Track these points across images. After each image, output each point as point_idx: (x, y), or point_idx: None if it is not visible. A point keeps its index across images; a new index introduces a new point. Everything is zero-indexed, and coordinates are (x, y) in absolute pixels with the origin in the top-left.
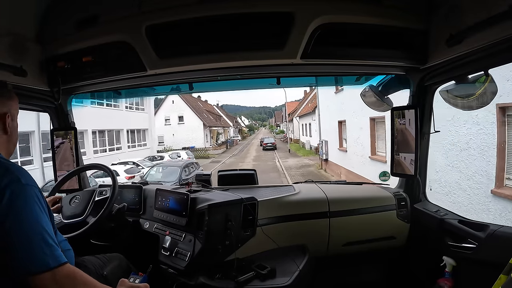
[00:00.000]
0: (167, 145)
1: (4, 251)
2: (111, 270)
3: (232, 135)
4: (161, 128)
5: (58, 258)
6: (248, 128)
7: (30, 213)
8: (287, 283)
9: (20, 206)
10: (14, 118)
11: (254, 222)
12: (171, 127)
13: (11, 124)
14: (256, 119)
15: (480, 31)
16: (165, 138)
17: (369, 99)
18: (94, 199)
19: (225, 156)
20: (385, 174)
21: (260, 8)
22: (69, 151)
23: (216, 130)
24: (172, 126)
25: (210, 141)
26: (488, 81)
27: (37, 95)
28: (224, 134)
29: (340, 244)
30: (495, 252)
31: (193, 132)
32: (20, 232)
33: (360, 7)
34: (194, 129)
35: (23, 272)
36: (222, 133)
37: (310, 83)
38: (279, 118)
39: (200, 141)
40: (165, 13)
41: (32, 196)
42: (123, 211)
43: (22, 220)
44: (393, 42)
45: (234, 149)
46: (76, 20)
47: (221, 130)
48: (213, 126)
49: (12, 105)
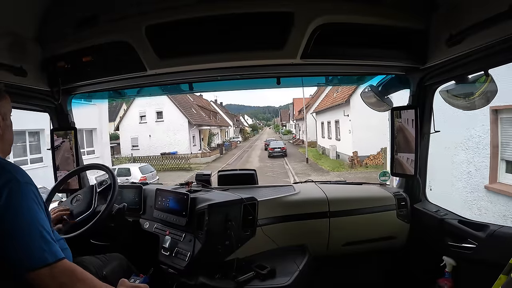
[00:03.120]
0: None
1: (2, 248)
2: (111, 270)
3: (231, 136)
4: (135, 127)
5: (56, 254)
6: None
7: (27, 210)
8: (287, 283)
9: (18, 203)
10: (6, 117)
11: (254, 222)
12: (147, 126)
13: (2, 123)
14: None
15: (480, 31)
16: (140, 140)
17: (369, 99)
18: (97, 191)
19: (216, 166)
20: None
21: (260, 8)
22: (69, 151)
23: (208, 130)
24: (149, 124)
25: (200, 144)
26: (488, 81)
27: (37, 95)
28: (221, 135)
29: (340, 244)
30: (495, 252)
31: (175, 132)
32: (18, 229)
33: (360, 7)
34: (176, 129)
35: (21, 268)
36: (217, 134)
37: (310, 83)
38: (285, 117)
39: (184, 144)
40: (165, 13)
41: (29, 194)
42: (123, 211)
43: (20, 218)
44: (393, 42)
45: (230, 155)
46: (76, 20)
47: (217, 130)
48: (203, 125)
49: (4, 103)
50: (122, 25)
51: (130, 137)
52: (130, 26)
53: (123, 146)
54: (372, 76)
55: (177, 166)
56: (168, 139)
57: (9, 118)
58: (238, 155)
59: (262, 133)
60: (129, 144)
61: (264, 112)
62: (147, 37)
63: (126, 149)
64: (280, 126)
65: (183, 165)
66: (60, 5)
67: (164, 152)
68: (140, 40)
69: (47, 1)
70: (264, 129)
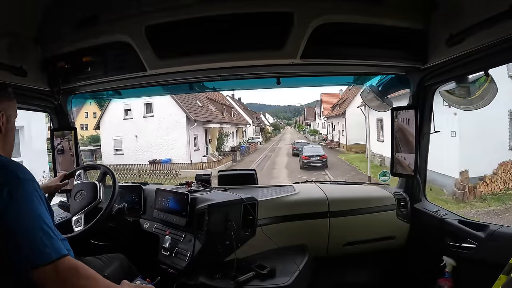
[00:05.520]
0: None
1: (5, 246)
2: (112, 271)
3: (250, 136)
4: (119, 124)
5: (59, 250)
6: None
7: (30, 207)
8: (287, 283)
9: (20, 200)
10: (10, 119)
11: (254, 222)
12: (133, 122)
13: (5, 123)
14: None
15: (480, 31)
16: (125, 142)
17: (369, 99)
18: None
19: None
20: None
21: (259, 8)
22: (69, 151)
23: (218, 129)
24: (135, 121)
25: (207, 148)
26: (488, 81)
27: (37, 95)
28: (238, 135)
29: (340, 244)
30: (495, 252)
31: (168, 132)
32: (21, 226)
33: (360, 7)
34: (169, 127)
35: (25, 266)
36: (231, 134)
37: (310, 83)
38: (310, 115)
39: (181, 148)
40: (164, 13)
41: (31, 190)
42: (123, 211)
43: (23, 214)
44: (393, 42)
45: (247, 163)
46: (76, 20)
47: (232, 128)
48: (211, 122)
49: (9, 105)
50: (122, 25)
51: (113, 138)
52: (130, 26)
53: (105, 149)
54: (372, 76)
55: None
56: (160, 141)
57: (12, 121)
58: (257, 163)
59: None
60: (111, 147)
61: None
62: (147, 37)
63: (108, 154)
64: (303, 125)
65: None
66: (60, 5)
67: (153, 160)
68: (140, 40)
69: (46, 1)
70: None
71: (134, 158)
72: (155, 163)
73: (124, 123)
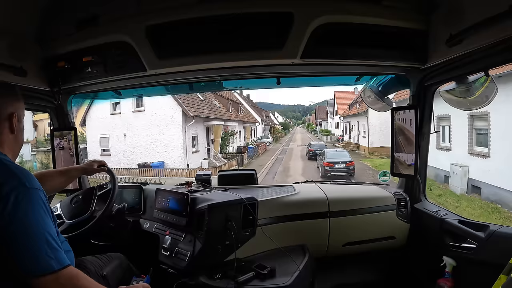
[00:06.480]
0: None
1: (8, 254)
2: (111, 270)
3: (259, 136)
4: (107, 120)
5: (62, 261)
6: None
7: (35, 216)
8: (287, 283)
9: (25, 209)
10: (21, 120)
11: (254, 222)
12: (121, 118)
13: (17, 124)
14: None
15: (480, 31)
16: (113, 141)
17: (369, 99)
18: (96, 194)
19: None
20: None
21: (260, 8)
22: (69, 151)
23: (222, 127)
24: (124, 116)
25: (209, 150)
26: (488, 81)
27: (37, 95)
28: (246, 134)
29: (340, 244)
30: (495, 252)
31: (161, 129)
32: (25, 235)
33: (360, 7)
34: (162, 123)
35: (27, 274)
36: (238, 133)
37: (310, 83)
38: (322, 115)
39: (175, 149)
40: (165, 13)
41: (36, 200)
42: (123, 211)
43: (27, 223)
44: (393, 42)
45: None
46: (76, 20)
47: (239, 127)
48: (214, 119)
49: (19, 107)
50: (122, 25)
51: (99, 136)
52: (130, 26)
53: (91, 149)
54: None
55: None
56: (151, 140)
57: (22, 122)
58: (267, 167)
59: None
60: (97, 146)
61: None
62: (147, 37)
63: (94, 155)
64: (314, 125)
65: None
66: (60, 5)
67: (143, 163)
68: (140, 40)
69: (46, 1)
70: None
71: (123, 160)
72: (145, 167)
73: (112, 118)
